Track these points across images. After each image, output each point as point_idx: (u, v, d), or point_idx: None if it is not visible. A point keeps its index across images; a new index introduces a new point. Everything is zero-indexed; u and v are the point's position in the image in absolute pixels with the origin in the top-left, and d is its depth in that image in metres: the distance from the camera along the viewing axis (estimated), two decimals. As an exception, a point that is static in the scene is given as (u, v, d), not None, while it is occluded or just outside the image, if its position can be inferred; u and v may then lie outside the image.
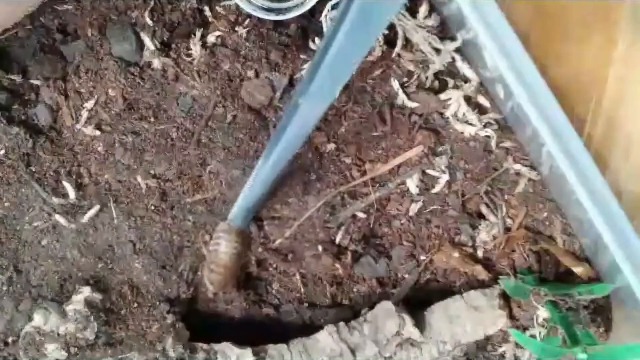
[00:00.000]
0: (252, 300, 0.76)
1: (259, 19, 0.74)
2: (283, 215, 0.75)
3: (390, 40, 0.76)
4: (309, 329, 0.73)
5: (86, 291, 0.70)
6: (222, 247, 0.71)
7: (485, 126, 0.76)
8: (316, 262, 0.75)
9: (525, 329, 0.73)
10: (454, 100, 0.75)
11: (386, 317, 0.72)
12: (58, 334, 0.67)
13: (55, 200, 0.72)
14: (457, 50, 0.75)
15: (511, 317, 0.74)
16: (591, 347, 0.65)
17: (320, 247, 0.74)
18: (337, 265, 0.75)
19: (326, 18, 0.74)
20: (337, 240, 0.75)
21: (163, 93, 0.75)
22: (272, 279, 0.76)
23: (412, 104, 0.75)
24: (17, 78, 0.74)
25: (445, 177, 0.75)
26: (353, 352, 0.70)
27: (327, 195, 0.74)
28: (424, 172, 0.76)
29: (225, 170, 0.74)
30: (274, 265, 0.75)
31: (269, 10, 0.72)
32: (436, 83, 0.76)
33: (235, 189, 0.74)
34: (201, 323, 0.73)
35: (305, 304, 0.76)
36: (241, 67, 0.75)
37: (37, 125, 0.74)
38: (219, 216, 0.74)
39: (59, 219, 0.72)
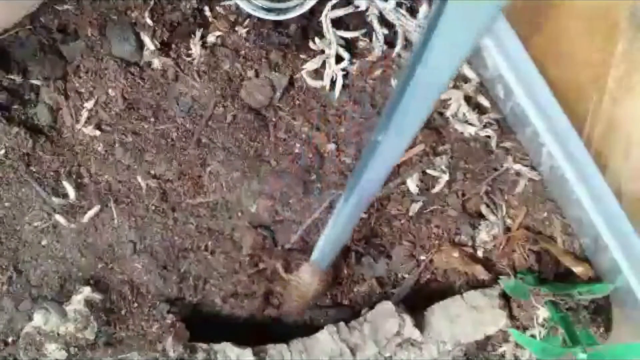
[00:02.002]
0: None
1: (259, 19, 0.74)
2: (285, 218, 0.75)
3: (390, 40, 0.76)
4: (309, 329, 0.73)
5: (86, 291, 0.70)
6: (303, 286, 0.72)
7: (485, 126, 0.76)
8: None
9: (525, 329, 0.73)
10: (454, 100, 0.75)
11: (386, 317, 0.72)
12: (58, 334, 0.67)
13: (55, 200, 0.72)
14: (457, 50, 0.75)
15: (511, 317, 0.74)
16: (591, 347, 0.65)
17: None
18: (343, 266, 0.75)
19: (326, 18, 0.74)
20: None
21: (163, 93, 0.75)
22: (274, 279, 0.76)
23: (412, 104, 0.75)
24: (17, 78, 0.74)
25: (445, 177, 0.75)
26: (353, 352, 0.70)
27: (331, 196, 0.74)
28: (424, 172, 0.76)
29: (226, 170, 0.74)
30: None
31: (269, 10, 0.72)
32: (436, 83, 0.76)
33: (236, 191, 0.74)
34: (201, 323, 0.73)
35: (305, 304, 0.76)
36: (241, 67, 0.75)
37: (37, 125, 0.74)
38: (221, 219, 0.74)
39: (59, 219, 0.72)
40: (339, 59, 0.75)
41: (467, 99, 0.76)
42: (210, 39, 0.75)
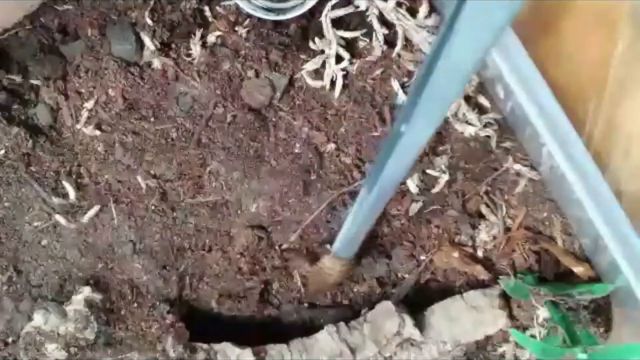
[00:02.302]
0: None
1: (259, 19, 0.74)
2: (285, 218, 0.75)
3: (390, 40, 0.76)
4: (309, 329, 0.73)
5: (86, 291, 0.70)
6: (323, 275, 0.72)
7: (485, 126, 0.76)
8: None
9: (525, 329, 0.73)
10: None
11: (386, 317, 0.72)
12: (58, 334, 0.67)
13: (55, 200, 0.72)
14: (457, 50, 0.75)
15: (511, 317, 0.74)
16: (591, 347, 0.65)
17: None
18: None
19: (326, 18, 0.74)
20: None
21: (163, 93, 0.75)
22: (272, 279, 0.76)
23: (412, 104, 0.75)
24: (17, 78, 0.74)
25: (445, 177, 0.75)
26: (353, 352, 0.70)
27: (330, 196, 0.74)
28: (424, 172, 0.76)
29: (226, 170, 0.74)
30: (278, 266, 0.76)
31: (269, 10, 0.72)
32: (436, 83, 0.76)
33: (236, 191, 0.74)
34: (201, 323, 0.73)
35: (305, 304, 0.76)
36: (241, 67, 0.75)
37: (37, 125, 0.74)
38: (220, 219, 0.74)
39: (59, 219, 0.72)
40: (339, 59, 0.75)
41: (467, 99, 0.76)
42: (210, 39, 0.75)
